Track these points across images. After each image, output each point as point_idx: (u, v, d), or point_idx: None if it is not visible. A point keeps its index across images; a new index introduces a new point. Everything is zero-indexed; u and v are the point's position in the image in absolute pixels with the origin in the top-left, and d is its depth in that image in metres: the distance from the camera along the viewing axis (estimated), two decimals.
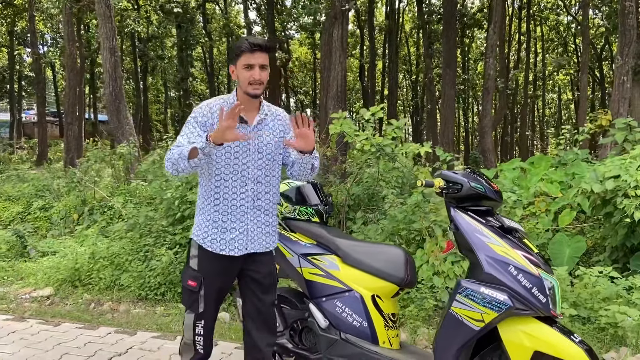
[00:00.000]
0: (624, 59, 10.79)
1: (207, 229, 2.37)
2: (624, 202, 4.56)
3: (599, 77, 26.73)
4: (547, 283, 2.07)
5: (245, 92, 2.33)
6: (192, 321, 2.42)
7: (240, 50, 2.31)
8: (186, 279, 2.42)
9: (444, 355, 2.16)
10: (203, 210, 2.40)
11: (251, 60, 2.29)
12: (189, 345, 2.47)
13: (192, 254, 2.43)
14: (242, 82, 2.32)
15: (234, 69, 2.36)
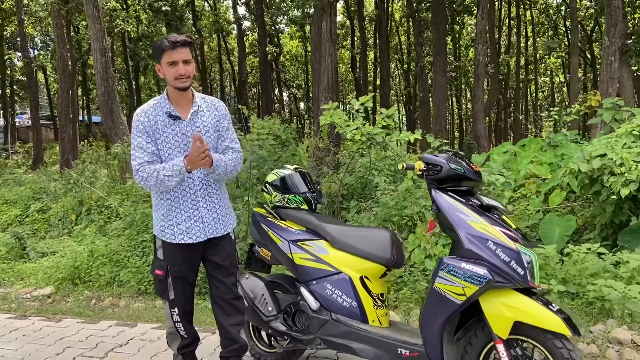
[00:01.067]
0: (610, 40, 10.87)
1: (164, 223, 2.51)
2: (610, 179, 4.65)
3: (590, 58, 26.77)
4: (524, 256, 2.16)
5: (175, 87, 2.46)
6: (168, 309, 2.58)
7: (162, 49, 2.43)
8: (154, 268, 2.58)
9: (429, 329, 2.26)
10: (158, 207, 2.54)
11: (174, 56, 2.41)
12: (173, 333, 2.62)
13: (157, 245, 2.59)
14: (169, 79, 2.46)
15: (160, 67, 2.49)
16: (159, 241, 2.57)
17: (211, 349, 3.29)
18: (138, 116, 2.47)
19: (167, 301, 2.58)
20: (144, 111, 2.49)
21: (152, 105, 2.51)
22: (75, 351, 3.30)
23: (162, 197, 2.51)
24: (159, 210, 2.54)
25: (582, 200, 5.97)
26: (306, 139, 9.40)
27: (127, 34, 25.28)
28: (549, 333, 2.08)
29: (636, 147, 4.92)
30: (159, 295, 2.63)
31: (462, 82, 30.82)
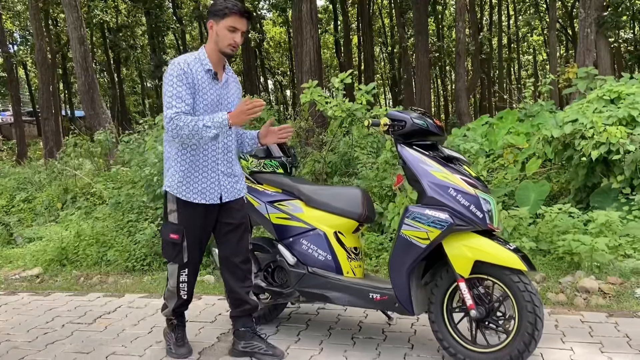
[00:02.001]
0: (586, 12, 11.01)
1: (182, 179, 2.51)
2: (581, 143, 4.82)
3: (571, 34, 27.00)
4: (483, 201, 2.30)
5: (222, 51, 2.48)
6: (177, 270, 2.61)
7: (230, 11, 2.41)
8: (167, 233, 2.57)
9: (397, 273, 2.40)
10: (177, 161, 2.52)
11: (237, 24, 2.43)
12: (172, 292, 2.66)
13: (170, 209, 2.57)
14: (221, 41, 2.45)
15: (214, 25, 2.45)
16: (174, 204, 2.54)
17: (197, 312, 3.42)
18: (180, 65, 2.42)
19: (177, 264, 2.60)
20: (187, 62, 2.44)
21: (193, 59, 2.48)
22: (64, 319, 3.41)
23: (183, 154, 2.50)
24: (179, 164, 2.51)
25: (558, 167, 6.14)
26: (288, 122, 9.49)
27: (106, 24, 24.99)
28: (507, 269, 2.23)
29: (606, 111, 5.09)
30: (169, 258, 2.63)
31: (446, 63, 30.94)
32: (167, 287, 2.71)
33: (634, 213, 4.46)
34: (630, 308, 3.17)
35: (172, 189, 2.54)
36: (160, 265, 4.65)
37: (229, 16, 2.42)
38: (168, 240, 2.58)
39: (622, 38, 18.40)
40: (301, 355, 2.65)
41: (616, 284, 3.55)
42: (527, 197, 5.38)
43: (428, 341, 2.73)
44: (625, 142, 4.56)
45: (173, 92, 2.39)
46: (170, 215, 2.57)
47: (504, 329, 2.32)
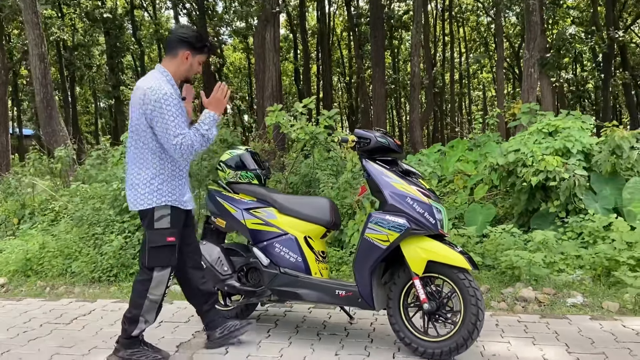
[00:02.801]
0: (530, 53, 11.93)
1: (180, 192, 2.76)
2: (523, 170, 5.32)
3: (518, 73, 28.72)
4: (435, 210, 2.67)
5: (185, 78, 2.80)
6: (168, 276, 2.72)
7: (208, 50, 2.80)
8: (163, 237, 2.67)
9: (361, 272, 2.71)
10: (173, 178, 2.73)
11: (204, 59, 2.81)
12: (155, 302, 2.72)
13: (160, 215, 2.68)
14: (190, 70, 2.78)
15: (190, 57, 2.74)
16: (166, 210, 2.68)
17: (170, 314, 3.60)
18: (164, 90, 2.60)
19: (168, 268, 2.71)
20: (171, 94, 2.63)
21: (165, 82, 2.67)
22: (41, 320, 3.52)
23: (178, 171, 2.74)
24: (174, 182, 2.71)
25: (503, 193, 6.65)
26: (252, 143, 9.75)
27: (62, 42, 24.67)
28: (455, 268, 2.59)
29: (545, 142, 5.65)
30: (162, 264, 2.69)
31: (402, 95, 32.14)
32: (149, 299, 2.70)
33: (568, 234, 4.94)
34: (561, 313, 3.59)
35: (173, 201, 2.72)
36: (127, 276, 4.77)
37: (203, 52, 2.77)
38: (165, 245, 2.68)
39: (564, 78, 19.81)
40: (272, 348, 2.91)
41: (550, 294, 3.97)
42: (475, 219, 5.83)
43: (386, 336, 3.05)
44: (560, 171, 5.08)
45: (173, 115, 2.59)
46: (161, 221, 2.68)
47: (452, 320, 2.67)
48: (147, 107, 2.59)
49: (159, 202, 2.68)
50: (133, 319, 2.74)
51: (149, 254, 2.71)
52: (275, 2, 12.41)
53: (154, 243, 2.69)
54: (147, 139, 2.66)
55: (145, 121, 2.62)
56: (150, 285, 2.70)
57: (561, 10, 19.13)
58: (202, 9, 20.59)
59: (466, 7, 27.46)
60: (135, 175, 2.70)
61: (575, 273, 4.24)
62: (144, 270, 2.74)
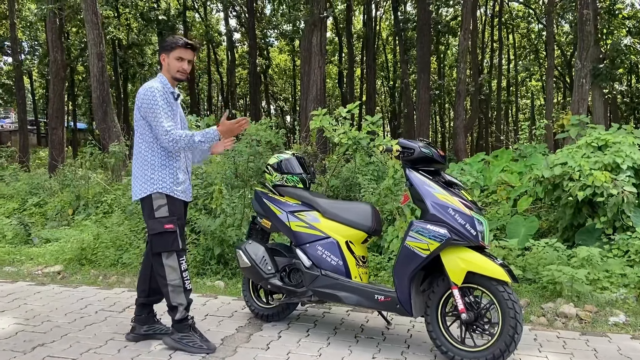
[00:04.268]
0: (582, 63, 11.60)
1: (171, 181, 2.97)
2: (569, 184, 5.25)
3: (569, 82, 27.91)
4: (477, 222, 2.71)
5: (174, 77, 3.04)
6: (177, 260, 2.94)
7: (175, 45, 2.98)
8: (161, 225, 2.90)
9: (400, 279, 2.79)
10: (163, 167, 2.96)
11: (183, 54, 3.00)
12: (177, 286, 2.94)
13: (158, 205, 2.92)
14: (172, 69, 3.02)
15: (165, 57, 3.00)
16: (163, 199, 2.92)
17: (214, 308, 3.76)
18: (157, 91, 2.91)
19: (174, 252, 2.91)
20: (158, 89, 2.94)
21: (159, 84, 2.98)
22: (96, 307, 3.76)
23: (168, 160, 2.97)
24: (165, 170, 2.94)
25: (547, 206, 6.55)
26: (295, 145, 9.92)
27: (117, 41, 25.66)
28: (494, 280, 2.63)
29: (593, 156, 5.53)
30: (166, 250, 2.90)
31: (446, 100, 31.77)
32: (170, 285, 2.92)
33: (613, 252, 4.84)
34: (602, 331, 3.54)
35: (165, 189, 2.94)
36: None
37: (175, 49, 2.98)
38: (163, 232, 2.90)
39: (617, 90, 19.17)
40: (311, 347, 3.02)
41: (592, 312, 3.91)
42: (517, 232, 5.77)
43: (422, 343, 3.11)
44: (609, 186, 4.98)
45: (161, 112, 2.88)
46: (159, 210, 2.92)
47: (490, 332, 2.70)
48: (139, 102, 2.93)
49: (151, 189, 2.93)
50: (170, 307, 2.99)
51: (151, 241, 2.97)
52: (323, 7, 12.56)
53: (153, 230, 2.93)
54: (143, 133, 2.95)
55: (140, 116, 2.93)
56: (165, 273, 2.93)
57: (616, 20, 18.50)
58: (251, 11, 21.01)
59: (517, 13, 26.90)
60: (135, 169, 3.00)
61: (619, 291, 4.17)
62: (154, 260, 2.98)
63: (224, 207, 5.13)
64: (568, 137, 7.02)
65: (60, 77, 17.58)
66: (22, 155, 23.04)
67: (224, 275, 4.86)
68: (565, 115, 10.13)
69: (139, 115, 2.95)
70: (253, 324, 3.47)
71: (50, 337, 3.16)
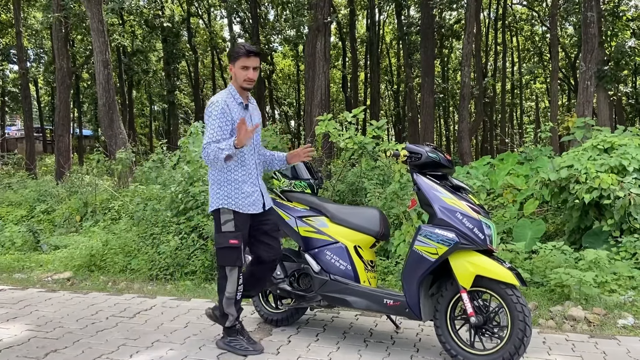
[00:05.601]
0: (587, 65, 11.61)
1: (237, 195, 2.98)
2: (576, 187, 5.25)
3: (574, 84, 27.84)
4: (485, 226, 2.73)
5: (241, 86, 3.05)
6: (237, 275, 2.98)
7: (238, 55, 3.01)
8: (227, 240, 2.94)
9: (409, 283, 2.81)
10: (227, 182, 2.99)
11: (247, 63, 3.01)
12: (232, 297, 3.00)
13: (225, 220, 2.97)
14: (239, 79, 3.03)
15: (232, 67, 3.05)
16: (228, 215, 2.95)
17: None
18: (220, 103, 2.95)
19: (236, 268, 2.96)
20: (224, 100, 2.98)
21: (227, 96, 3.01)
22: (107, 313, 3.80)
23: (229, 175, 2.98)
24: (231, 184, 2.96)
25: (554, 209, 6.54)
26: None
27: (122, 48, 25.83)
28: (502, 284, 2.64)
29: (600, 159, 5.54)
30: (231, 263, 2.95)
31: (450, 104, 31.76)
32: (225, 296, 3.01)
33: (621, 254, 4.83)
34: (610, 334, 3.54)
35: (231, 205, 2.96)
36: (182, 275, 5.02)
37: (239, 58, 2.99)
38: (228, 247, 2.94)
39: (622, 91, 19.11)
40: (321, 351, 3.04)
41: (600, 315, 3.91)
42: (524, 235, 5.77)
43: (432, 347, 3.12)
44: (615, 189, 4.98)
45: (213, 125, 2.91)
46: (226, 225, 2.96)
47: (499, 335, 2.71)
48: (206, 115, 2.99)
49: (218, 204, 2.98)
50: (222, 313, 3.07)
51: (217, 254, 3.03)
52: (326, 12, 12.63)
53: (219, 244, 3.00)
54: None
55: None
56: (225, 283, 3.00)
57: (620, 22, 18.48)
58: (255, 17, 21.12)
59: (520, 16, 26.91)
60: (209, 181, 3.06)
61: (627, 294, 4.16)
62: (219, 269, 3.04)
63: None
64: (574, 139, 7.01)
65: (66, 85, 17.72)
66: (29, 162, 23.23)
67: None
68: (570, 118, 10.14)
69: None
70: (262, 329, 3.49)
71: (63, 344, 3.19)
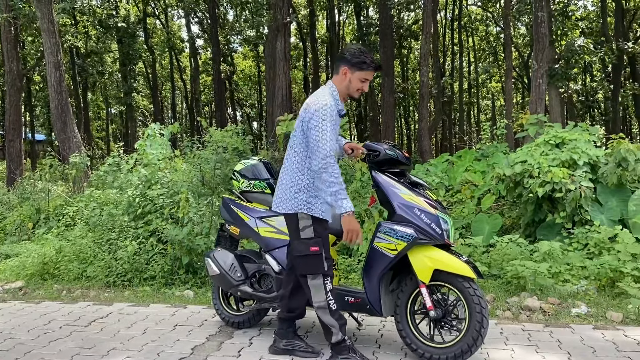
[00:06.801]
0: (539, 64, 11.98)
1: (316, 202, 2.82)
2: (529, 182, 5.41)
3: (527, 83, 28.72)
4: (442, 220, 2.78)
5: (350, 95, 2.86)
6: (322, 281, 2.80)
7: (368, 67, 2.78)
8: (307, 247, 2.78)
9: (370, 280, 2.82)
10: (311, 190, 2.81)
11: (369, 76, 2.82)
12: (323, 307, 2.81)
13: (304, 225, 2.80)
14: (352, 87, 2.83)
15: (349, 73, 2.80)
16: (308, 220, 2.79)
17: (184, 318, 3.71)
18: (332, 108, 2.72)
19: (320, 275, 2.79)
20: (331, 107, 2.73)
21: (333, 100, 2.78)
22: (60, 322, 3.66)
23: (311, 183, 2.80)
24: (311, 192, 2.80)
25: (510, 204, 6.73)
26: (262, 152, 9.90)
27: (75, 49, 25.05)
28: (460, 277, 2.69)
29: (552, 154, 5.72)
30: (312, 272, 2.79)
31: (410, 103, 32.23)
32: (316, 307, 2.81)
33: (573, 245, 5.01)
34: (565, 322, 3.66)
35: (312, 211, 2.82)
36: (140, 281, 4.89)
37: (366, 70, 2.80)
38: (309, 254, 2.79)
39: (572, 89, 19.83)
40: None
41: (555, 304, 4.04)
42: (482, 229, 5.91)
43: (393, 342, 3.15)
44: (566, 182, 5.16)
45: (326, 129, 2.68)
46: (305, 231, 2.80)
47: (457, 328, 2.76)
48: (306, 116, 2.75)
49: (297, 209, 2.81)
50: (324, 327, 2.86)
51: (298, 263, 2.86)
52: (286, 12, 12.60)
53: (298, 252, 2.83)
54: (298, 150, 2.82)
55: (302, 130, 2.78)
56: (311, 293, 2.83)
57: (570, 22, 19.18)
58: (214, 17, 20.86)
59: (475, 17, 27.57)
60: (282, 181, 2.88)
61: (580, 283, 4.31)
62: (301, 279, 2.87)
63: (191, 215, 5.07)
64: (527, 135, 7.23)
65: (16, 88, 17.05)
66: None
67: (193, 284, 4.81)
68: (524, 115, 10.46)
69: (300, 128, 2.78)
70: (224, 332, 3.44)
71: (14, 355, 3.06)
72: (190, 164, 6.27)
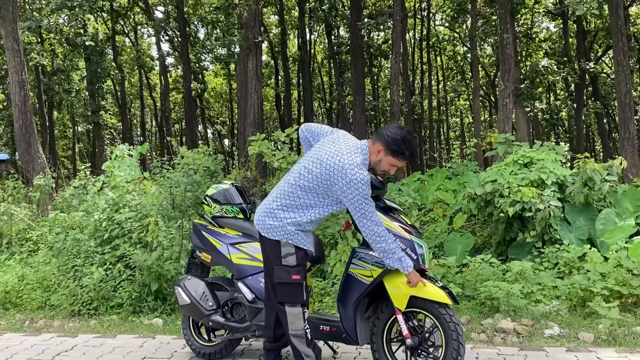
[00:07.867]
0: (505, 84, 12.28)
1: (305, 236, 2.80)
2: (500, 201, 5.47)
3: (494, 101, 29.43)
4: (417, 245, 2.76)
5: (374, 170, 2.84)
6: (301, 311, 2.75)
7: (402, 156, 2.77)
8: (289, 275, 2.73)
9: (346, 307, 2.77)
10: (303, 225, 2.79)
11: (400, 164, 2.82)
12: (300, 336, 2.76)
13: (286, 252, 2.75)
14: (380, 167, 2.81)
15: (383, 154, 2.77)
16: (291, 248, 2.76)
17: (153, 350, 3.57)
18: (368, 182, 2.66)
19: (298, 304, 2.75)
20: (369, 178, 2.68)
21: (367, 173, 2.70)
22: (22, 357, 3.47)
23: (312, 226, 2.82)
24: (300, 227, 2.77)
25: (481, 222, 6.79)
26: (234, 171, 9.79)
27: (41, 67, 24.52)
28: (435, 303, 2.67)
29: (521, 173, 5.81)
30: (291, 301, 2.75)
31: (381, 121, 32.56)
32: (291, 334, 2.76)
33: (544, 264, 5.07)
34: (539, 344, 3.68)
35: (295, 241, 2.78)
36: (107, 309, 4.71)
37: (398, 157, 2.78)
38: (291, 283, 2.74)
39: (538, 108, 20.41)
40: None
41: (528, 325, 4.05)
42: (455, 248, 5.94)
43: None
44: (536, 202, 5.24)
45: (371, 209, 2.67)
46: (287, 258, 2.75)
47: (434, 355, 2.73)
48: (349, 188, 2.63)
49: (282, 237, 2.76)
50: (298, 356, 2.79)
51: (277, 289, 2.79)
52: (257, 32, 12.62)
53: (279, 279, 2.77)
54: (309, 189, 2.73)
55: (324, 186, 2.69)
56: (287, 320, 2.77)
57: (534, 43, 19.81)
58: (184, 35, 20.74)
59: (443, 37, 28.21)
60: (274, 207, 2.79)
61: (551, 303, 4.35)
62: (278, 307, 2.81)
63: (160, 239, 4.93)
64: (496, 154, 7.35)
65: None
66: None
67: (162, 311, 4.66)
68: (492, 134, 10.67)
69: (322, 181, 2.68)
70: None
71: None
72: (160, 187, 6.13)
